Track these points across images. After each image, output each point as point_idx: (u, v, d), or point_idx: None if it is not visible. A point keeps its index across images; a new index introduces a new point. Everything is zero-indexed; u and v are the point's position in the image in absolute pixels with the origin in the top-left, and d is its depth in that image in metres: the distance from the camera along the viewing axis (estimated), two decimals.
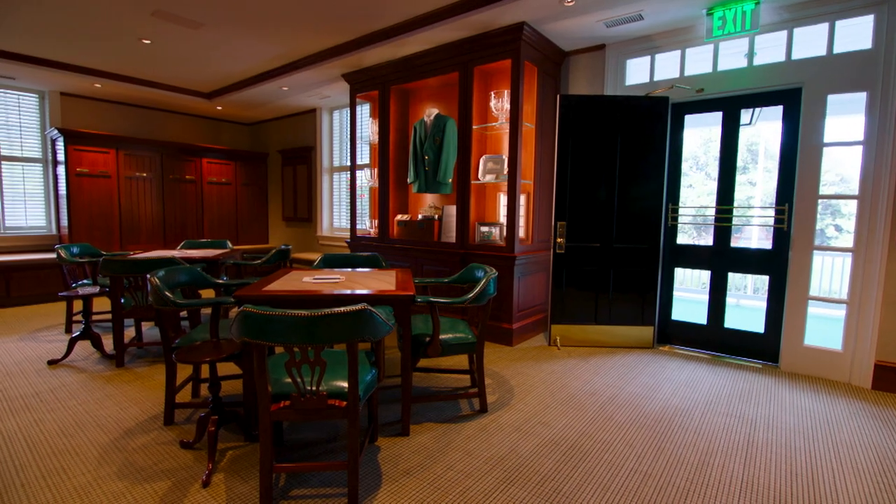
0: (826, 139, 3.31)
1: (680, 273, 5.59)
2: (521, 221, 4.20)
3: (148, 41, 4.55)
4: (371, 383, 2.06)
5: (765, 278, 3.71)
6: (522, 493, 1.98)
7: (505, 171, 4.17)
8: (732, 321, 3.90)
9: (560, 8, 3.46)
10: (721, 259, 3.85)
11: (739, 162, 3.76)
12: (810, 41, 3.38)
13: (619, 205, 3.99)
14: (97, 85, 5.87)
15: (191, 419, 2.63)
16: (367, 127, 5.92)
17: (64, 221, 6.04)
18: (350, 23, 4.04)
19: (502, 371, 3.45)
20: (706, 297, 3.97)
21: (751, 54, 3.59)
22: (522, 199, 4.21)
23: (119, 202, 6.36)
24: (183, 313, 4.34)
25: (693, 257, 4.01)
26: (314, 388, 1.82)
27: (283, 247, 4.18)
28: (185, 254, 4.29)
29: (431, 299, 2.53)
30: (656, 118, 3.87)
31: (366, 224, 5.72)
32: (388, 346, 3.93)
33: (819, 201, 3.36)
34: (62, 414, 2.67)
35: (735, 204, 3.77)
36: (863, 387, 3.22)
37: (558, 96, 3.98)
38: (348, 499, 1.87)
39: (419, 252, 4.60)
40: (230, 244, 5.11)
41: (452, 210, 4.52)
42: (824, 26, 3.28)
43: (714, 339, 3.91)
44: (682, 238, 4.14)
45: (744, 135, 3.78)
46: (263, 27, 4.16)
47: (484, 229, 4.30)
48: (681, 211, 4.06)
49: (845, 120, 3.90)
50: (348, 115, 5.90)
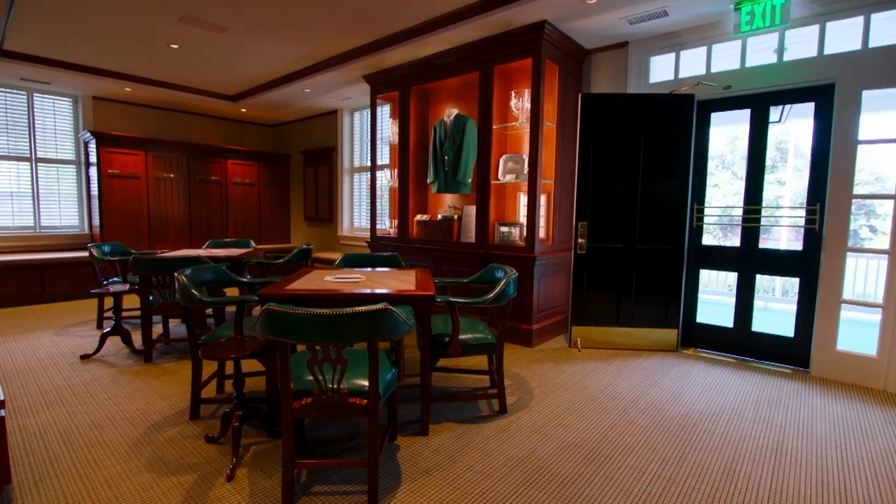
0: (861, 136, 3.19)
1: (705, 275, 5.45)
2: (542, 222, 4.17)
3: (175, 46, 4.67)
4: (391, 382, 2.07)
5: (794, 280, 3.59)
6: (542, 496, 1.96)
7: (525, 171, 4.15)
8: (760, 324, 3.79)
9: (582, 6, 3.42)
10: (748, 260, 3.75)
11: (768, 161, 3.65)
12: (844, 35, 3.26)
13: (643, 205, 3.92)
14: (127, 89, 6.06)
15: (215, 414, 2.69)
16: (388, 127, 5.96)
17: (96, 221, 6.26)
18: (371, 24, 4.07)
19: (522, 372, 3.43)
20: (732, 300, 3.87)
21: (780, 50, 3.49)
22: (543, 199, 4.17)
23: (148, 202, 6.55)
24: (208, 311, 4.45)
25: (719, 258, 3.91)
26: (335, 386, 1.84)
27: (305, 246, 4.24)
28: (211, 253, 4.39)
29: (451, 299, 2.53)
30: (681, 116, 3.79)
31: (385, 224, 5.76)
32: (408, 346, 3.95)
33: (853, 201, 3.24)
34: (94, 407, 2.76)
35: (763, 204, 3.66)
36: None
37: (580, 95, 3.93)
38: (368, 496, 1.88)
39: (438, 252, 4.60)
40: (253, 243, 5.21)
41: (472, 210, 4.51)
42: (859, 20, 3.16)
43: (741, 343, 3.81)
44: (708, 239, 4.04)
45: (773, 132, 3.66)
46: (287, 30, 4.23)
47: (504, 229, 4.28)
48: (706, 211, 3.97)
49: (881, 116, 3.74)
50: (369, 116, 5.96)
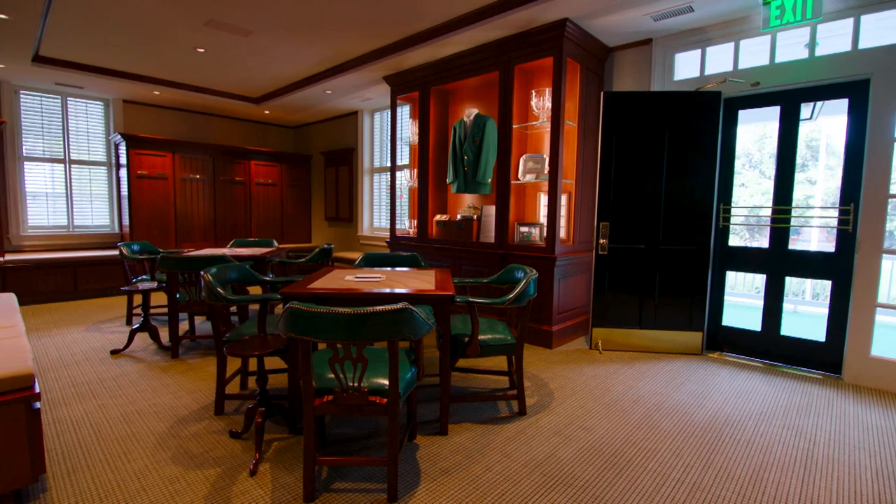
0: None
1: (731, 276, 5.29)
2: (562, 222, 4.13)
3: (202, 50, 4.79)
4: (411, 381, 2.08)
5: (826, 283, 3.48)
6: (562, 499, 1.94)
7: (545, 171, 4.11)
8: (789, 328, 3.68)
9: (604, 3, 3.37)
10: (777, 262, 3.64)
11: (798, 159, 3.54)
12: (880, 29, 3.14)
13: (667, 205, 3.84)
14: (156, 92, 6.23)
15: (239, 410, 2.75)
16: (407, 128, 5.98)
17: (125, 220, 6.45)
18: (392, 25, 4.10)
19: (541, 374, 3.40)
20: (760, 303, 3.76)
21: (812, 44, 3.38)
22: (564, 199, 4.13)
23: (175, 202, 6.72)
24: (232, 308, 4.54)
25: (746, 260, 3.81)
26: (356, 385, 1.86)
27: (326, 246, 4.29)
28: (235, 252, 4.48)
29: (471, 299, 2.52)
30: (707, 114, 3.71)
31: (405, 224, 5.78)
32: (427, 346, 3.96)
33: (889, 201, 3.11)
34: (123, 401, 2.85)
35: (794, 203, 3.55)
36: None
37: (602, 93, 3.88)
38: (388, 494, 1.90)
39: (458, 252, 4.60)
40: (276, 243, 5.30)
41: (491, 210, 4.50)
42: (895, 13, 3.04)
43: (769, 347, 3.70)
44: (734, 240, 3.94)
45: (803, 130, 3.55)
46: (309, 32, 4.29)
47: (523, 230, 4.25)
48: (733, 211, 3.87)
49: None
50: (389, 117, 6.00)
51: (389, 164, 5.54)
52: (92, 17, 4.02)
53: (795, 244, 3.94)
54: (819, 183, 5.91)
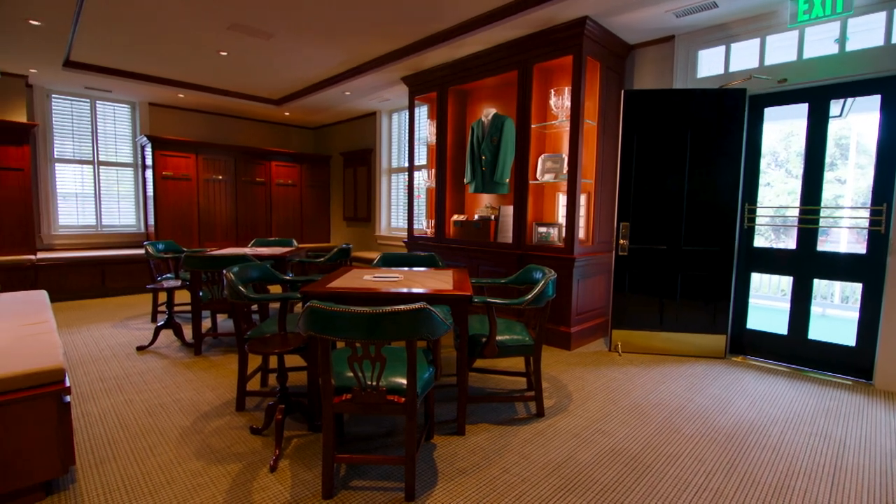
0: None
1: (756, 279, 5.15)
2: (581, 222, 4.08)
3: (225, 53, 4.88)
4: (428, 381, 2.08)
5: (857, 286, 3.36)
6: (581, 503, 1.92)
7: (564, 171, 4.07)
8: (817, 332, 3.57)
9: (625, 0, 3.33)
10: (805, 264, 3.53)
11: (827, 158, 3.43)
12: None
13: (689, 205, 3.77)
14: (180, 95, 6.38)
15: (259, 406, 2.79)
16: (425, 128, 6.00)
17: (151, 220, 6.63)
18: (411, 26, 4.11)
19: (560, 375, 3.37)
20: (786, 306, 3.66)
21: (842, 39, 3.27)
22: (583, 199, 4.09)
23: (198, 203, 6.87)
24: (253, 307, 4.61)
25: (772, 261, 3.71)
26: (374, 384, 1.87)
27: (345, 245, 4.33)
28: (256, 251, 4.56)
29: (489, 300, 2.51)
30: (732, 112, 3.62)
31: (422, 224, 5.80)
32: (445, 346, 3.96)
33: None
34: (148, 395, 2.92)
35: (822, 204, 3.45)
36: None
37: (622, 92, 3.82)
38: (405, 493, 1.90)
39: (475, 252, 4.59)
40: (296, 242, 5.37)
41: (509, 210, 4.48)
42: None
43: (796, 351, 3.60)
44: (759, 241, 3.84)
45: (832, 128, 3.43)
46: (330, 34, 4.33)
47: (542, 230, 4.22)
48: (759, 211, 3.77)
49: None
50: (407, 118, 6.03)
51: (407, 165, 5.56)
52: (119, 23, 4.13)
53: (824, 245, 3.81)
54: (849, 182, 5.72)
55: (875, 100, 3.20)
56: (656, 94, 3.74)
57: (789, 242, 3.66)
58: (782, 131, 6.09)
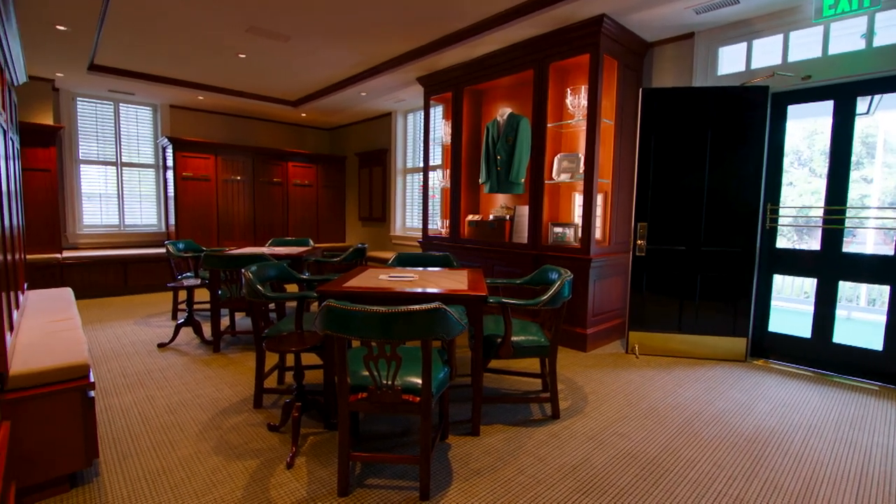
0: None
1: (778, 280, 5.03)
2: (598, 222, 4.04)
3: (243, 55, 4.95)
4: (443, 381, 2.08)
5: (884, 288, 3.26)
6: None
7: (580, 170, 4.04)
8: (842, 336, 3.47)
9: None
10: (830, 266, 3.44)
11: (853, 156, 3.34)
12: None
13: (709, 205, 3.70)
14: (200, 97, 6.50)
15: (276, 404, 2.83)
16: (440, 128, 6.00)
17: (171, 220, 6.76)
18: (426, 26, 4.12)
19: (575, 377, 3.34)
20: (810, 308, 3.57)
21: (870, 35, 3.18)
22: (599, 199, 4.04)
23: (217, 203, 6.99)
24: (271, 305, 4.68)
25: (795, 263, 3.62)
26: (390, 383, 1.88)
27: (360, 245, 4.36)
28: (273, 251, 4.61)
29: (504, 300, 2.50)
30: (754, 110, 3.55)
31: (437, 224, 5.80)
32: (459, 346, 3.96)
33: None
34: (169, 391, 2.98)
35: (848, 203, 3.35)
36: None
37: (640, 90, 3.77)
38: (420, 492, 1.91)
39: (490, 252, 4.58)
40: (312, 242, 5.43)
41: (524, 210, 4.45)
42: None
43: (820, 355, 3.50)
44: (782, 242, 3.75)
45: (859, 125, 3.34)
46: (346, 36, 4.37)
47: (557, 230, 4.19)
48: (781, 212, 3.69)
49: None
50: (422, 118, 6.04)
51: (422, 165, 5.58)
52: (142, 28, 4.23)
53: (849, 247, 3.70)
54: (876, 182, 5.55)
55: None
56: (675, 93, 3.69)
57: (813, 243, 3.57)
58: (806, 129, 5.94)
